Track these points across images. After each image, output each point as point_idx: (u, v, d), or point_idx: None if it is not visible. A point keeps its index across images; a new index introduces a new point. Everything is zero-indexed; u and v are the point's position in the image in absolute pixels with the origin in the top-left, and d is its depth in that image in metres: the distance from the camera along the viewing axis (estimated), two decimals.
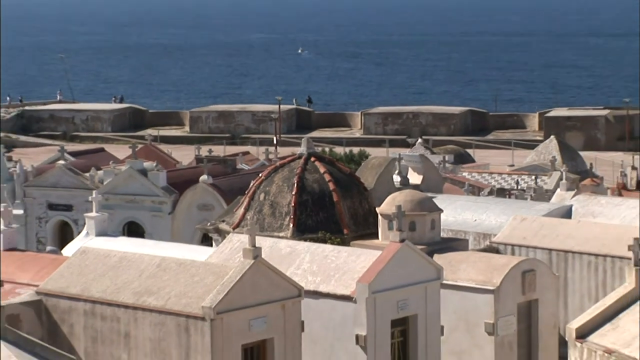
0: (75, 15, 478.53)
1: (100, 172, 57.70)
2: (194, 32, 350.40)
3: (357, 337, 29.64)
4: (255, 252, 27.40)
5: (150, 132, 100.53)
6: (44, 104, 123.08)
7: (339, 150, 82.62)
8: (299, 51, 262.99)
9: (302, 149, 39.87)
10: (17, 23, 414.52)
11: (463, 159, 76.38)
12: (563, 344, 29.49)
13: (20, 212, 56.89)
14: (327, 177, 38.70)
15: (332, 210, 38.07)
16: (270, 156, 63.62)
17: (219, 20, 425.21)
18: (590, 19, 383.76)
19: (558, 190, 51.47)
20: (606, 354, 23.27)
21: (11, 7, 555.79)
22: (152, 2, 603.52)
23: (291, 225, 37.72)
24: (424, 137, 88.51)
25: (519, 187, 59.23)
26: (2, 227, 34.79)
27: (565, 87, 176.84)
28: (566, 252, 38.30)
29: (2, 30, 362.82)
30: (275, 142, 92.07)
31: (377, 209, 36.30)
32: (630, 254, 25.79)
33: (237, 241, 31.86)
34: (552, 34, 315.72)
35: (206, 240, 45.76)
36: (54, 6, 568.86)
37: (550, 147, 73.03)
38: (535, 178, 60.63)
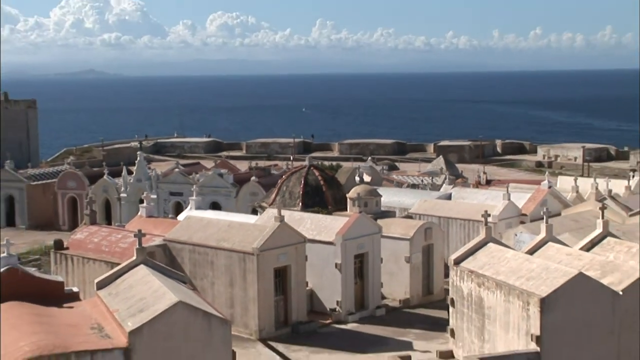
0: (182, 88, 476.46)
1: (197, 175, 57.59)
2: (245, 99, 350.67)
3: (335, 264, 29.63)
4: (280, 219, 27.39)
5: (225, 153, 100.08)
6: (167, 138, 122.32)
7: (327, 163, 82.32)
8: (303, 110, 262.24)
9: (306, 162, 39.86)
10: (145, 95, 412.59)
11: (393, 168, 76.42)
12: (447, 267, 29.46)
13: (154, 196, 56.64)
14: (320, 177, 38.64)
15: (322, 196, 38.02)
16: (289, 167, 63.45)
17: (260, 91, 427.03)
18: (453, 93, 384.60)
19: (444, 185, 51.47)
20: (470, 273, 23.24)
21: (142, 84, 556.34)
22: (219, 85, 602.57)
23: (300, 204, 37.66)
24: (372, 156, 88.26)
25: (423, 183, 59.27)
26: (145, 204, 34.76)
27: (447, 129, 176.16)
28: (448, 218, 38.36)
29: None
30: (291, 159, 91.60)
31: (347, 195, 36.28)
32: (482, 219, 25.75)
33: (271, 213, 31.80)
34: (439, 100, 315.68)
35: (254, 212, 45.69)
36: (173, 85, 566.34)
37: (439, 162, 73.04)
38: (432, 178, 60.60)
